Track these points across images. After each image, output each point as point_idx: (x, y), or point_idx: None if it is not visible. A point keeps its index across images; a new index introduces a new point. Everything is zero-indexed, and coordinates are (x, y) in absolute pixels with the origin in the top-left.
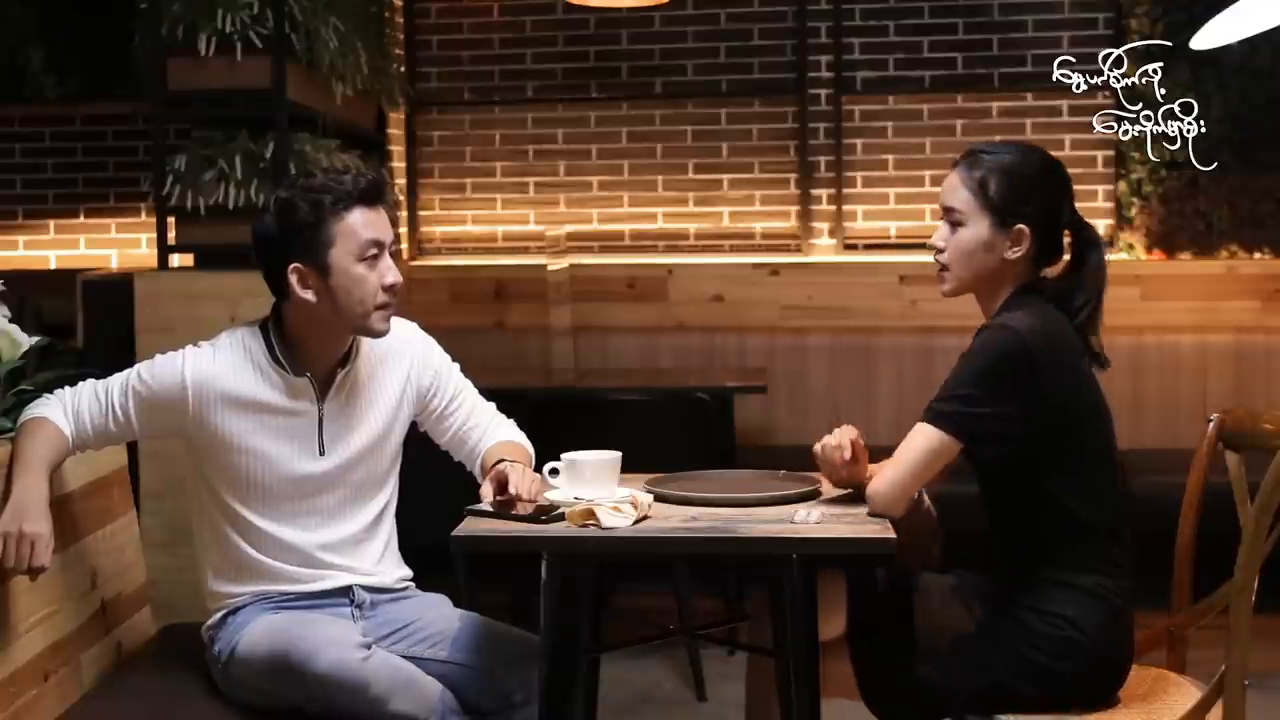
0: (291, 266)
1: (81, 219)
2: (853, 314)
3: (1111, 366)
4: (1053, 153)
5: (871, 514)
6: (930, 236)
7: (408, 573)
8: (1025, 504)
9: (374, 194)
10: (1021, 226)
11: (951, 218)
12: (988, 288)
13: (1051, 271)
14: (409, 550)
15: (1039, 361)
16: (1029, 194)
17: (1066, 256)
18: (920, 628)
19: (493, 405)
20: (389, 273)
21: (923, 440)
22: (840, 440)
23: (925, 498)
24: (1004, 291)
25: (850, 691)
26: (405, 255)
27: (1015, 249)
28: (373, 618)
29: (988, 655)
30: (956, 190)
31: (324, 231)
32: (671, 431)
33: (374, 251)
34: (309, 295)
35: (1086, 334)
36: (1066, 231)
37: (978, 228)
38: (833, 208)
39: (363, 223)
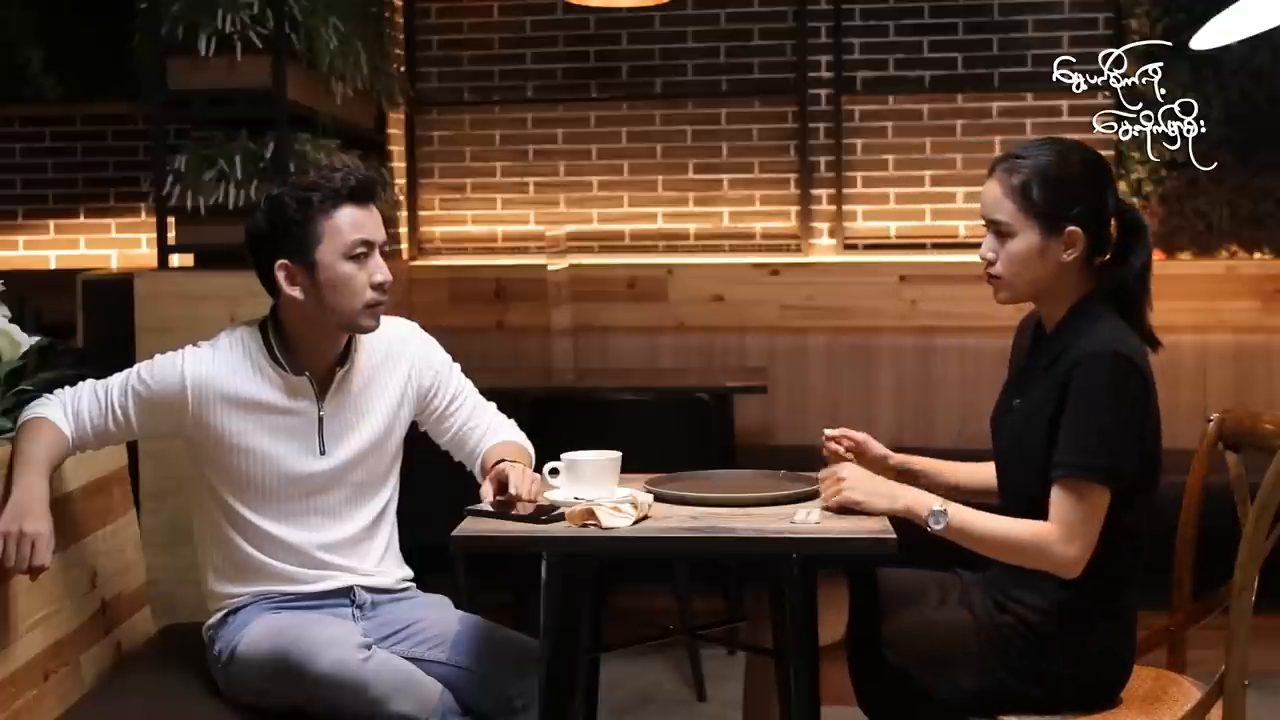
0: (278, 263)
1: (81, 219)
2: (853, 314)
3: None
4: None
5: (1065, 577)
6: (930, 236)
7: (408, 573)
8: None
9: (363, 193)
10: (1073, 228)
11: (998, 230)
12: (1049, 293)
13: (1102, 260)
14: (409, 550)
15: (1150, 384)
16: (1075, 193)
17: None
18: (919, 630)
19: (493, 405)
20: (378, 271)
21: (1100, 500)
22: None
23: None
24: (1068, 295)
25: (847, 697)
26: (405, 255)
27: (1070, 251)
28: (374, 618)
29: (992, 659)
30: (999, 201)
31: (311, 229)
32: (671, 431)
33: (362, 250)
34: (296, 292)
35: (1145, 325)
36: (1113, 219)
37: (1028, 237)
38: (833, 208)
39: (351, 221)
